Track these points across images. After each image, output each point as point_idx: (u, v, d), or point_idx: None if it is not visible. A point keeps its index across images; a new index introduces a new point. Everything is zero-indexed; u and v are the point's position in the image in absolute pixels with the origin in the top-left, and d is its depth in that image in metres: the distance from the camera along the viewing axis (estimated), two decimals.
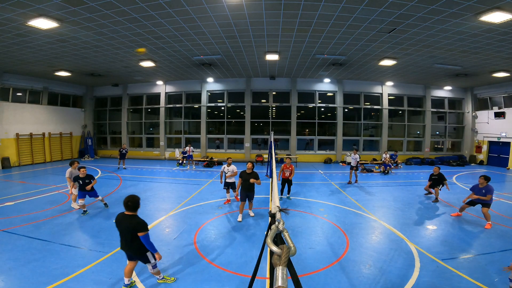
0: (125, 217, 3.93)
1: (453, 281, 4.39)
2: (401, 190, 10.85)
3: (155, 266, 4.10)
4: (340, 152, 19.13)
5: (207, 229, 6.59)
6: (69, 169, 7.97)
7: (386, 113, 19.21)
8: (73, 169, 7.97)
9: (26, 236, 5.91)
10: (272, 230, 1.37)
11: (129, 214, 3.93)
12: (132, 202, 3.90)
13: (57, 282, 4.20)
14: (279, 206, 2.02)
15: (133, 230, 3.81)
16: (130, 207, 3.89)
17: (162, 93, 19.99)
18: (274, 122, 19.42)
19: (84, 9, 7.60)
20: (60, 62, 13.43)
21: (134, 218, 3.88)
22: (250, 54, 12.57)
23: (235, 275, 4.56)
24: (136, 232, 3.80)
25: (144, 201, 8.93)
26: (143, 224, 3.86)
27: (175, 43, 10.78)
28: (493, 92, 18.14)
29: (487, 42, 9.78)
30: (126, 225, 3.85)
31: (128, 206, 3.89)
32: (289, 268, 1.14)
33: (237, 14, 8.09)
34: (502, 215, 7.68)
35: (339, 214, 7.76)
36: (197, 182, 12.15)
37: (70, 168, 8.00)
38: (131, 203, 3.89)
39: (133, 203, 3.91)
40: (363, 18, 8.18)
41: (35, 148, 17.14)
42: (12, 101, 16.14)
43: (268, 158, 13.19)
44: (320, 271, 4.71)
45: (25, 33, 9.30)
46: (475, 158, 19.21)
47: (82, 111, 21.05)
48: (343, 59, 12.94)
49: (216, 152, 19.71)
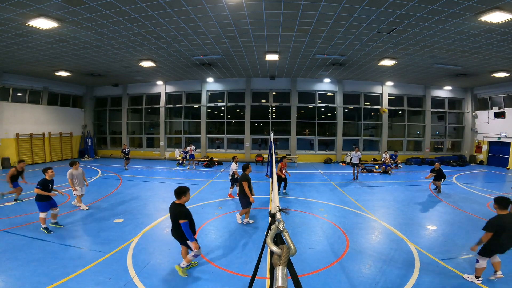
0: (174, 205, 4.41)
1: (453, 281, 4.39)
2: (401, 190, 10.85)
3: (195, 255, 4.46)
4: (340, 152, 19.13)
5: (207, 229, 6.59)
6: (70, 170, 7.88)
7: (386, 113, 19.21)
8: (74, 170, 7.91)
9: (26, 236, 5.91)
10: (272, 230, 1.37)
11: (177, 203, 4.40)
12: (178, 189, 4.42)
13: (57, 282, 4.19)
14: (279, 206, 2.02)
15: (176, 217, 4.27)
16: (176, 193, 4.39)
17: (162, 93, 20.00)
18: (274, 122, 19.43)
19: (84, 9, 7.60)
20: (60, 62, 13.43)
21: (178, 207, 4.33)
22: (250, 54, 12.57)
23: (235, 275, 4.56)
24: (178, 219, 4.22)
25: (144, 201, 8.96)
26: (184, 213, 4.27)
27: (175, 43, 10.78)
28: (493, 92, 18.14)
29: (487, 42, 9.78)
30: (173, 213, 4.34)
31: (175, 193, 4.41)
32: (289, 268, 1.14)
33: (237, 14, 8.09)
34: None
35: (339, 214, 7.76)
36: (197, 182, 12.15)
37: (71, 169, 7.92)
38: (178, 189, 4.41)
39: (178, 190, 4.40)
40: (363, 18, 8.18)
41: (35, 148, 17.14)
42: (12, 101, 16.15)
43: (268, 158, 13.19)
44: (320, 271, 4.71)
45: (25, 33, 9.30)
46: (475, 158, 19.21)
47: (82, 111, 21.05)
48: (343, 59, 12.94)
49: (216, 152, 19.71)
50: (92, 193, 9.74)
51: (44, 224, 6.19)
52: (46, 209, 6.25)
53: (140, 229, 6.46)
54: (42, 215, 6.18)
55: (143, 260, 4.97)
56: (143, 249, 5.46)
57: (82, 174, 8.13)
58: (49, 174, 6.43)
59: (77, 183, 7.89)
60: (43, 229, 6.16)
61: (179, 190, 4.41)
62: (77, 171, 7.97)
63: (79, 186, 7.95)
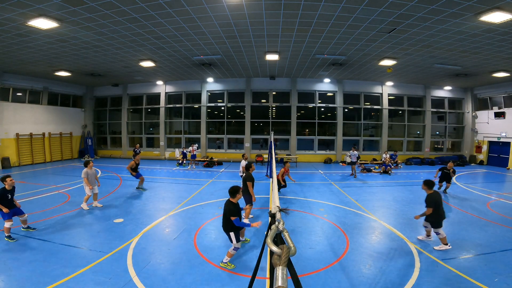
0: (227, 202, 4.91)
1: (453, 281, 4.39)
2: (401, 190, 10.84)
3: (235, 248, 4.86)
4: (340, 152, 19.13)
5: (207, 229, 6.59)
6: (85, 170, 8.01)
7: (386, 113, 19.22)
8: (88, 169, 8.03)
9: (26, 236, 5.92)
10: (272, 230, 1.37)
11: (230, 200, 4.89)
12: (232, 189, 4.94)
13: (57, 282, 4.19)
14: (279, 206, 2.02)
15: (227, 214, 4.77)
16: (231, 192, 4.92)
17: (162, 93, 19.99)
18: (274, 122, 19.42)
19: (84, 9, 7.60)
20: (60, 62, 13.43)
21: (231, 205, 4.83)
22: (250, 54, 12.57)
23: (235, 275, 4.56)
24: (229, 215, 4.73)
25: (144, 201, 8.96)
26: (234, 211, 4.78)
27: (175, 43, 10.78)
28: (493, 92, 18.14)
29: (487, 42, 9.78)
30: (225, 209, 4.85)
31: (230, 192, 4.93)
32: (289, 268, 1.14)
33: (237, 14, 8.09)
34: (502, 215, 7.67)
35: (339, 214, 7.76)
36: (197, 182, 12.15)
37: (85, 168, 8.03)
38: (231, 189, 4.94)
39: (232, 189, 4.93)
40: (363, 18, 8.18)
41: (35, 148, 17.14)
42: (12, 101, 16.14)
43: (268, 158, 13.20)
44: (320, 271, 4.71)
45: (25, 33, 9.30)
46: (475, 158, 19.20)
47: (82, 111, 21.05)
48: (343, 59, 12.94)
49: (216, 152, 19.71)
50: None
51: (7, 233, 5.70)
52: (9, 217, 5.74)
53: (140, 229, 6.46)
54: (6, 225, 5.68)
55: (143, 260, 4.97)
56: (143, 249, 5.46)
57: (95, 174, 8.26)
58: (8, 183, 5.88)
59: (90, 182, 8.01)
60: (6, 237, 5.67)
61: (233, 190, 4.93)
62: (91, 171, 8.12)
63: (92, 185, 8.06)
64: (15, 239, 5.75)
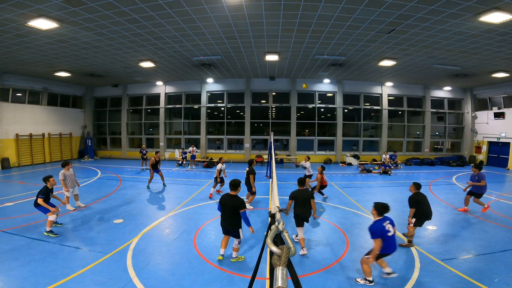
0: (230, 197, 4.85)
1: (453, 281, 4.39)
2: (400, 191, 10.84)
3: (240, 242, 4.96)
4: (340, 152, 19.13)
5: (207, 229, 6.59)
6: (62, 171, 7.80)
7: (386, 114, 19.21)
8: (65, 171, 7.83)
9: (26, 237, 5.91)
10: (272, 230, 1.37)
11: (232, 194, 4.86)
12: (233, 182, 4.91)
13: (57, 282, 4.19)
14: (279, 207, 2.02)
15: (235, 208, 4.70)
16: (233, 185, 4.86)
17: (162, 94, 19.99)
18: (274, 122, 19.42)
19: (84, 10, 7.60)
20: (60, 63, 13.42)
21: (238, 199, 4.80)
22: (250, 55, 12.58)
23: (235, 275, 4.55)
24: (238, 209, 4.69)
25: (144, 201, 8.96)
26: (242, 203, 4.77)
27: (175, 44, 10.78)
28: (493, 93, 18.15)
29: (487, 43, 9.80)
30: (231, 204, 4.74)
31: (231, 185, 4.88)
32: (289, 268, 1.14)
33: (237, 15, 8.10)
34: (502, 215, 7.67)
35: (339, 214, 7.76)
36: (197, 182, 12.15)
37: (63, 170, 7.83)
38: (233, 182, 4.90)
39: (233, 182, 4.90)
40: (363, 18, 8.19)
41: (34, 149, 17.12)
42: (12, 102, 16.13)
43: (268, 159, 13.20)
44: (320, 271, 4.71)
45: (25, 34, 9.30)
46: (475, 159, 19.19)
47: (81, 112, 21.04)
48: (342, 59, 12.95)
49: (216, 152, 19.70)
50: (92, 193, 9.74)
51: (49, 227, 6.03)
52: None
53: (140, 230, 6.45)
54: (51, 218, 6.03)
55: (143, 261, 4.97)
56: (143, 249, 5.45)
57: (73, 175, 8.05)
58: (51, 182, 6.37)
59: (69, 184, 7.86)
60: (47, 232, 5.98)
61: (235, 182, 4.90)
62: (69, 172, 7.91)
63: (71, 186, 7.93)
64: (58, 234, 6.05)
